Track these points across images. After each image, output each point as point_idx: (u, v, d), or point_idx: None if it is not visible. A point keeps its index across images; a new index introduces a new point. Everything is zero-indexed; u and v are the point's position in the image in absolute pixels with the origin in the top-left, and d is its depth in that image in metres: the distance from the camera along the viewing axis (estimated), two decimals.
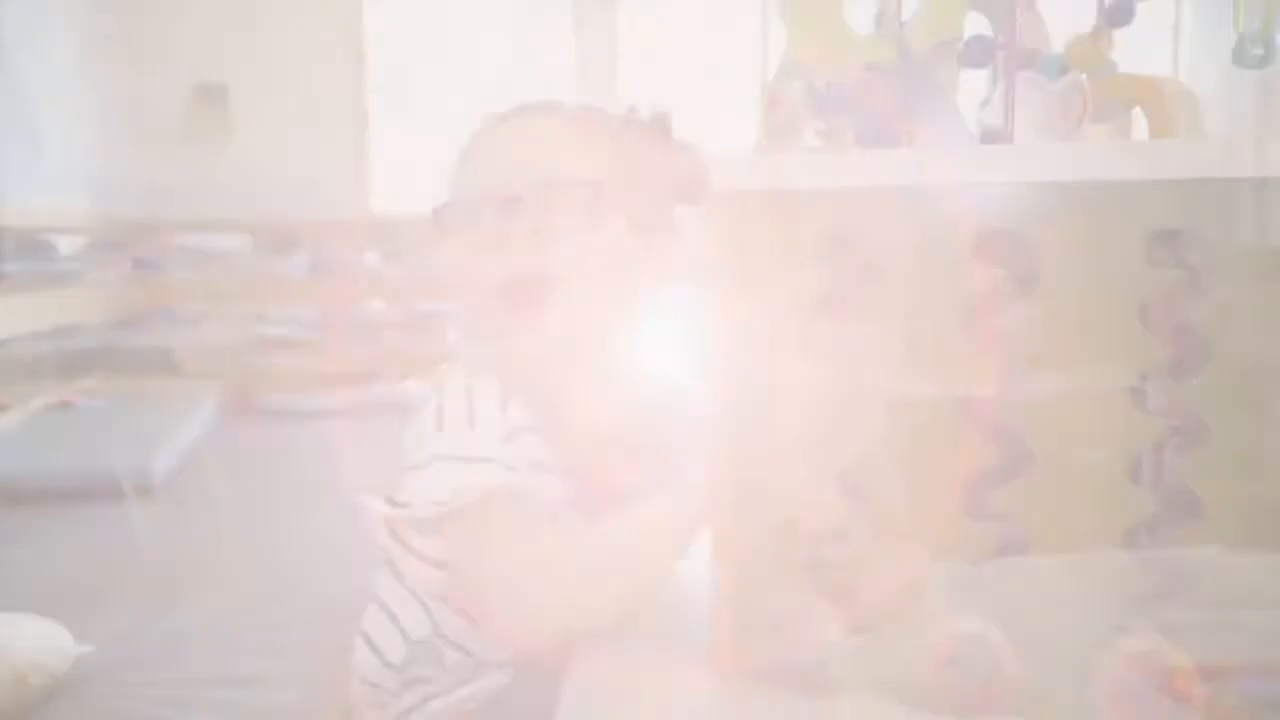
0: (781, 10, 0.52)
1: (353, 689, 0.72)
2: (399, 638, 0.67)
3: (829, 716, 0.46)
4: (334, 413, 4.05)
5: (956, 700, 0.44)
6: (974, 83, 0.60)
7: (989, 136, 0.53)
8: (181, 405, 3.54)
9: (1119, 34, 0.57)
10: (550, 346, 0.64)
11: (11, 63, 3.69)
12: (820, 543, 0.48)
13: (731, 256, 0.47)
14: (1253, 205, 0.40)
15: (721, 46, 5.71)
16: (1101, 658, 0.43)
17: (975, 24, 0.55)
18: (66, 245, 4.64)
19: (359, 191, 5.34)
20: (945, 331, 0.45)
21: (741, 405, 0.48)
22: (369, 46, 5.31)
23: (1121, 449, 0.43)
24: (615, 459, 0.69)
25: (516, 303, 0.63)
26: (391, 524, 0.61)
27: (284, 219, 5.18)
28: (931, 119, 0.50)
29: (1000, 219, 0.43)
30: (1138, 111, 0.59)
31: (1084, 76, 0.45)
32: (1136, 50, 0.57)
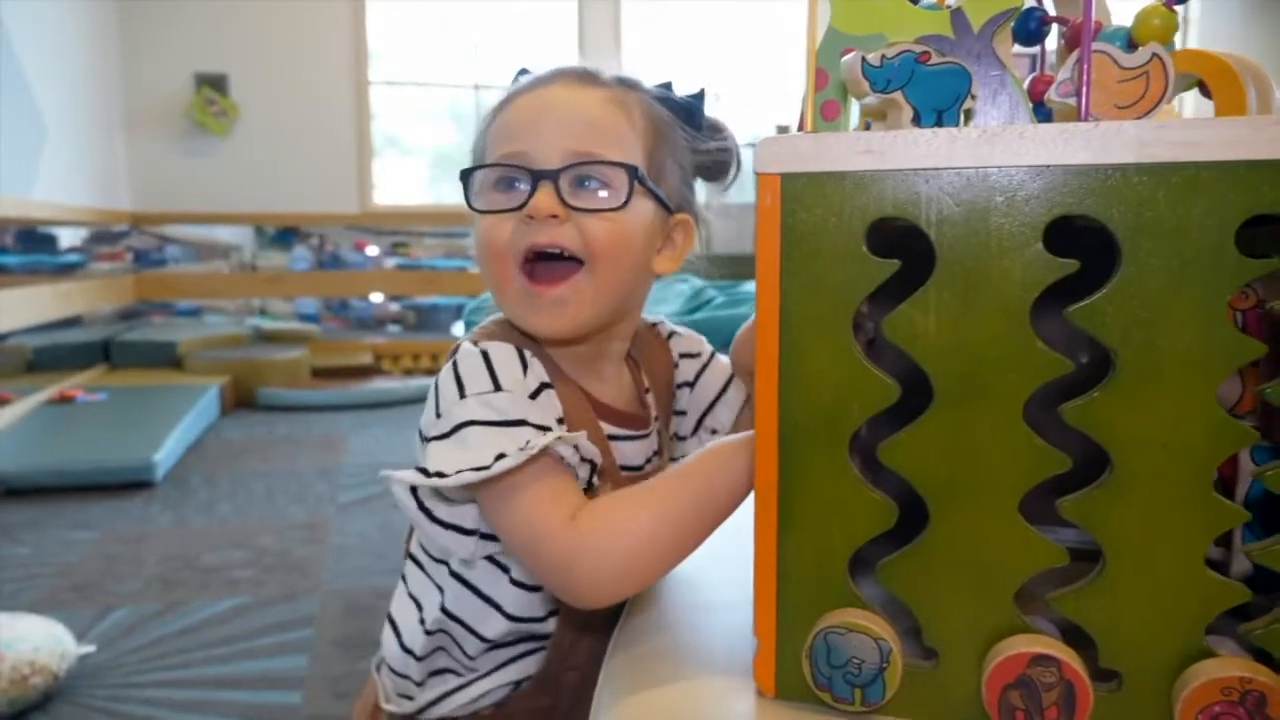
0: None
1: (380, 680, 0.70)
2: (418, 624, 0.66)
3: None
4: (337, 407, 4.02)
5: None
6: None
7: (1053, 115, 0.50)
8: (183, 399, 3.51)
9: None
10: (571, 323, 0.62)
11: (11, 53, 3.65)
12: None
13: (783, 240, 0.43)
14: None
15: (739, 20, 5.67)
16: (1187, 680, 0.40)
17: None
18: (67, 238, 4.61)
19: (360, 184, 5.30)
20: (1011, 325, 0.41)
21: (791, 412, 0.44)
22: (371, 36, 5.26)
23: (1206, 452, 0.40)
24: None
25: (540, 276, 0.61)
26: (422, 496, 0.60)
27: (285, 212, 5.15)
28: (993, 96, 0.46)
29: (1075, 204, 0.40)
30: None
31: (1165, 49, 0.42)
32: None
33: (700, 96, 0.68)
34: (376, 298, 5.53)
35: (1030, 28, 0.53)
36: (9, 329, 3.40)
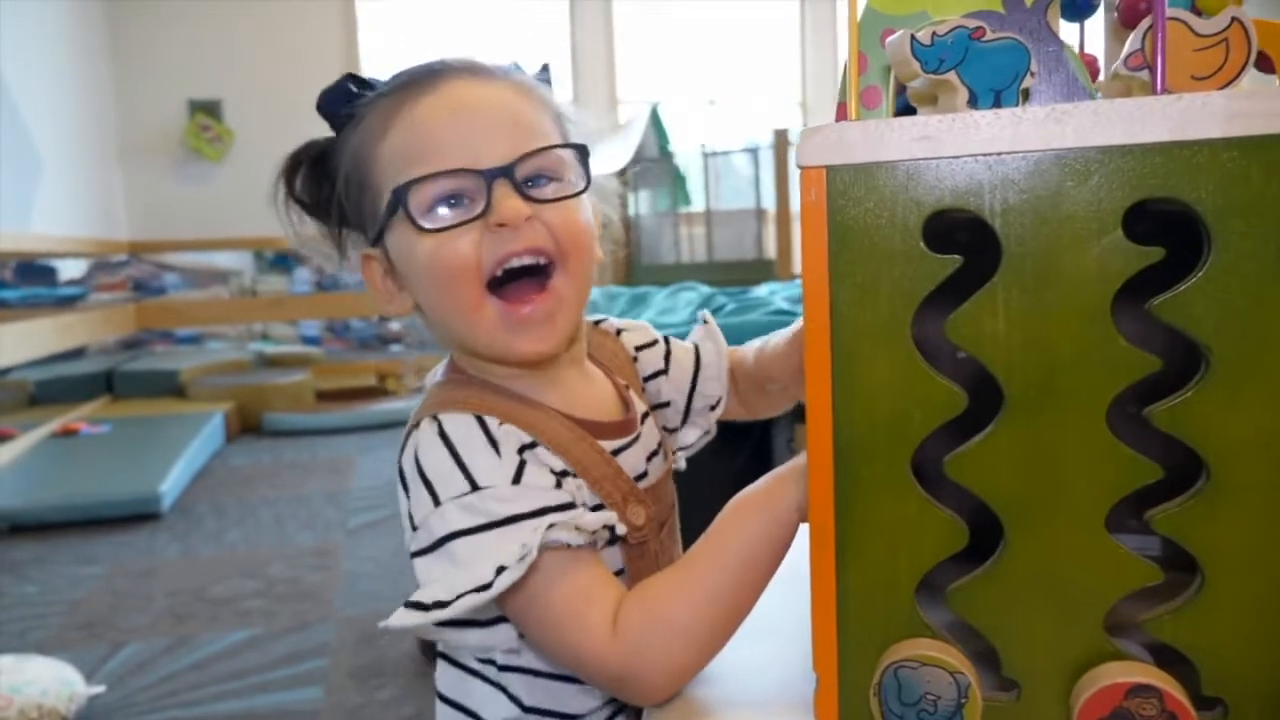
0: None
1: None
2: None
3: None
4: (343, 429, 3.98)
5: None
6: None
7: (1103, 95, 0.46)
8: (188, 428, 3.47)
9: None
10: (558, 338, 0.55)
11: (5, 87, 3.63)
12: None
13: (831, 239, 0.40)
14: None
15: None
16: None
17: None
18: (67, 270, 4.59)
19: None
20: (1090, 322, 0.37)
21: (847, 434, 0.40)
22: (364, 55, 5.25)
23: None
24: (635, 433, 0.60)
25: (514, 295, 0.54)
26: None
27: (284, 235, 5.12)
28: (1049, 74, 0.43)
29: (1156, 185, 0.36)
30: None
31: (1245, 14, 0.38)
32: None
33: (546, 69, 0.62)
34: (375, 318, 5.50)
35: (1079, 2, 0.49)
36: (10, 363, 3.37)
